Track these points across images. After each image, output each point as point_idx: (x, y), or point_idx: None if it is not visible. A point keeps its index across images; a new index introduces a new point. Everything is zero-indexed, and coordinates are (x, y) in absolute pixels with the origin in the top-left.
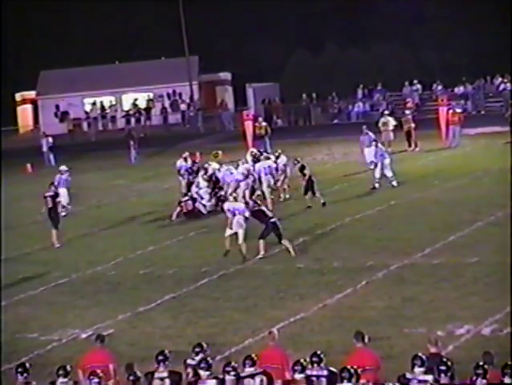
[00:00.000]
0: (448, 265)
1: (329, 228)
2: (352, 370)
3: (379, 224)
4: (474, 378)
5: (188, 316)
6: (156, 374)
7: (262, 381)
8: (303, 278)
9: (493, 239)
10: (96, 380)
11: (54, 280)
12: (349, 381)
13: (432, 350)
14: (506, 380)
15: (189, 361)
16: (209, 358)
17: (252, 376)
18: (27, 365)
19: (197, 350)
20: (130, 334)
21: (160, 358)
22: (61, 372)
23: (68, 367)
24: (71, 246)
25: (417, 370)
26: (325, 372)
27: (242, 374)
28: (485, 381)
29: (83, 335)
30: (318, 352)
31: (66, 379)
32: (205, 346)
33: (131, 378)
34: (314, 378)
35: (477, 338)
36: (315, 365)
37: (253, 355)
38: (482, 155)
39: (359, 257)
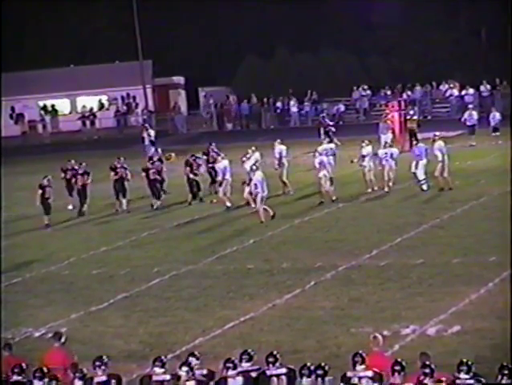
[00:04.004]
0: (394, 267)
1: (279, 229)
2: (312, 367)
3: (327, 226)
4: (422, 377)
5: (139, 315)
6: (95, 379)
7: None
8: (253, 279)
9: (438, 241)
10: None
11: (8, 279)
12: (308, 377)
13: (375, 349)
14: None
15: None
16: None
17: (277, 376)
18: None
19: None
20: (82, 333)
21: (97, 363)
22: (16, 370)
23: (24, 365)
24: (24, 246)
25: (359, 367)
26: (284, 370)
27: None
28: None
29: (36, 334)
30: (274, 352)
31: (20, 377)
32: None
33: (77, 375)
34: (274, 378)
35: (422, 338)
36: (271, 365)
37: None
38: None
39: (308, 258)
